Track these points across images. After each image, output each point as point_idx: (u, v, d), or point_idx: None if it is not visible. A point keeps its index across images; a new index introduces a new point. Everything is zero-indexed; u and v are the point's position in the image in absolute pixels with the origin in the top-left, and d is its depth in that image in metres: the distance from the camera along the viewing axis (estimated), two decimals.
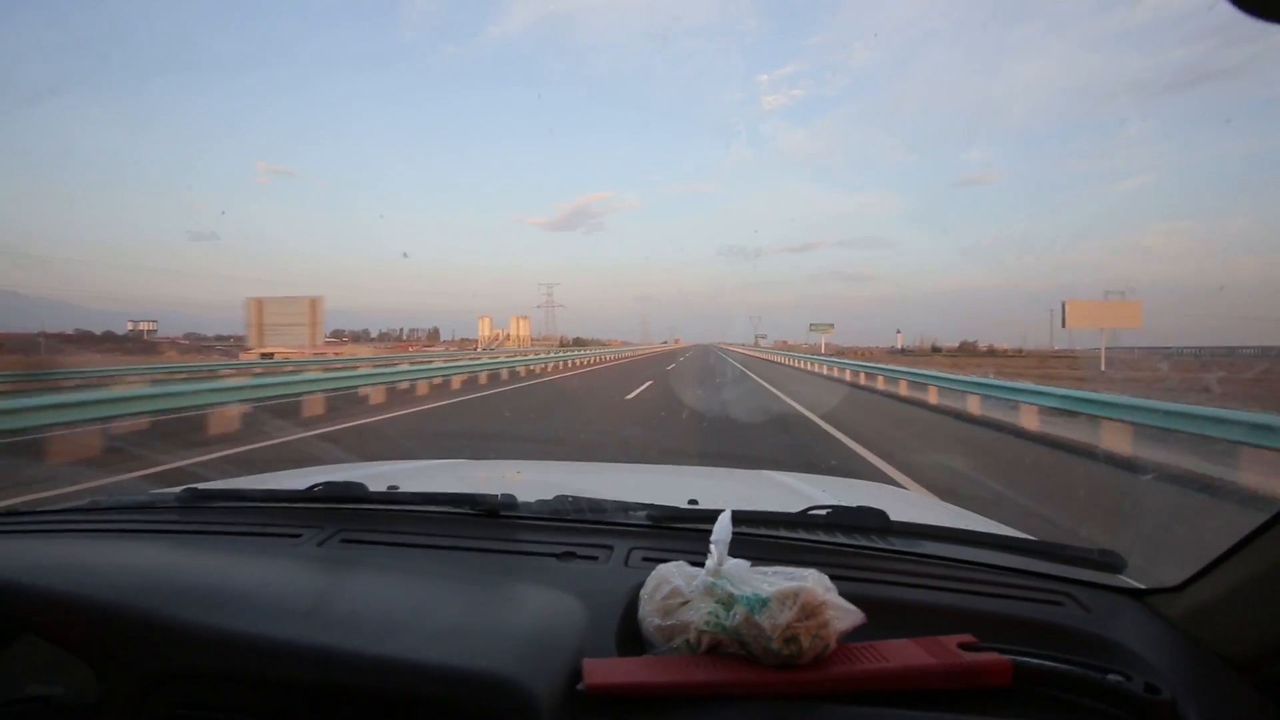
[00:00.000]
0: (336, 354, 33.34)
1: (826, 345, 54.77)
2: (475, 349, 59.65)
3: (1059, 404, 8.52)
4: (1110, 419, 7.40)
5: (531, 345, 71.99)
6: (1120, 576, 0.90)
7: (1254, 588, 0.67)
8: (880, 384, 16.46)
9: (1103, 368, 24.61)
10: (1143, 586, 0.86)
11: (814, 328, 62.09)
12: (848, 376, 20.29)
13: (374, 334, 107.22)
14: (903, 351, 72.19)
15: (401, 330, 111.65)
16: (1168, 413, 6.45)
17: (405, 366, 16.42)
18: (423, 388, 14.16)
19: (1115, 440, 7.18)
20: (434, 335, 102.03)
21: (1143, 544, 3.72)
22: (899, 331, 79.65)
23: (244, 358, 31.86)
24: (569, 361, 28.57)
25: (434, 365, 16.87)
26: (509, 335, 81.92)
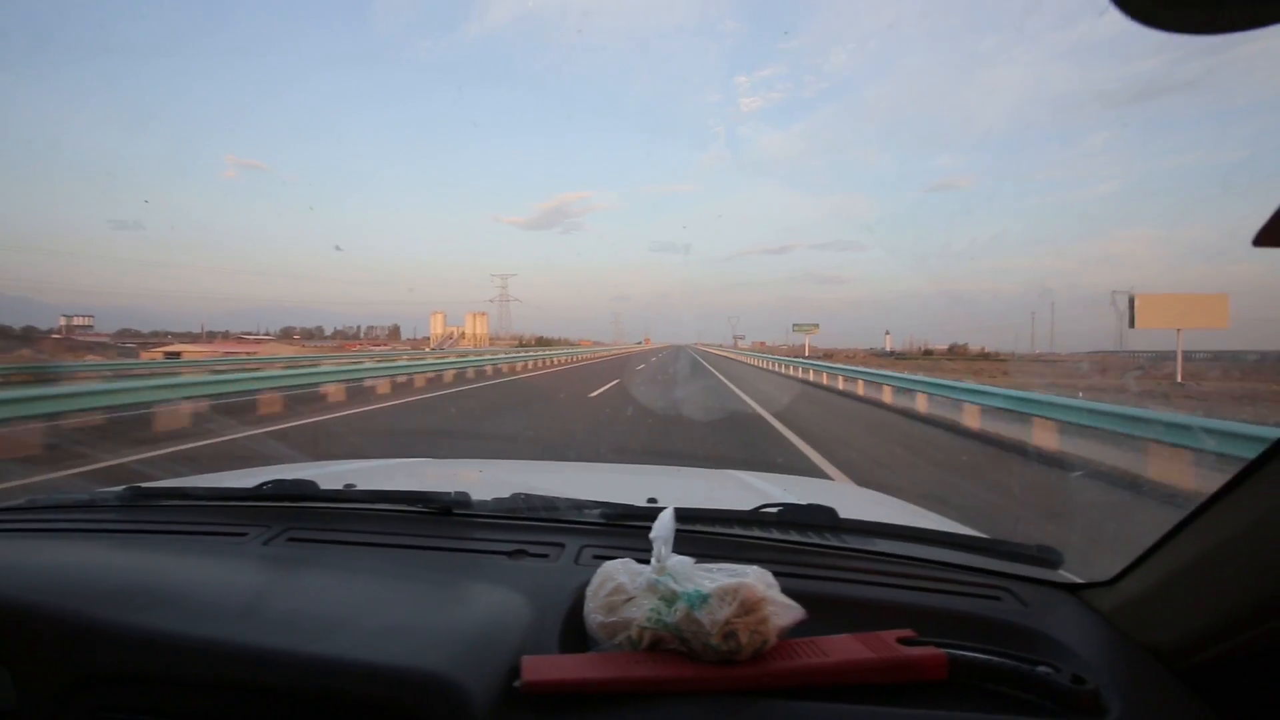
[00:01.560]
0: (248, 354, 29.47)
1: (810, 347, 51.66)
2: (427, 348, 55.44)
3: None
4: None
5: (490, 344, 67.91)
6: (1060, 571, 0.91)
7: (1177, 580, 0.69)
8: (923, 405, 11.24)
9: (1179, 378, 19.33)
10: (1079, 581, 0.87)
11: (797, 328, 59.56)
12: (860, 390, 15.22)
13: (329, 331, 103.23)
14: (892, 354, 68.78)
15: (359, 328, 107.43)
16: None
17: (270, 372, 12.42)
18: (271, 402, 10.51)
19: None
20: (395, 333, 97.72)
21: None
22: (888, 333, 76.06)
23: (145, 357, 28.26)
24: (510, 365, 24.28)
25: (310, 371, 12.79)
26: (464, 333, 77.55)
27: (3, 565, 0.79)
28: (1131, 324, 20.17)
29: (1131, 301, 19.88)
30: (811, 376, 20.66)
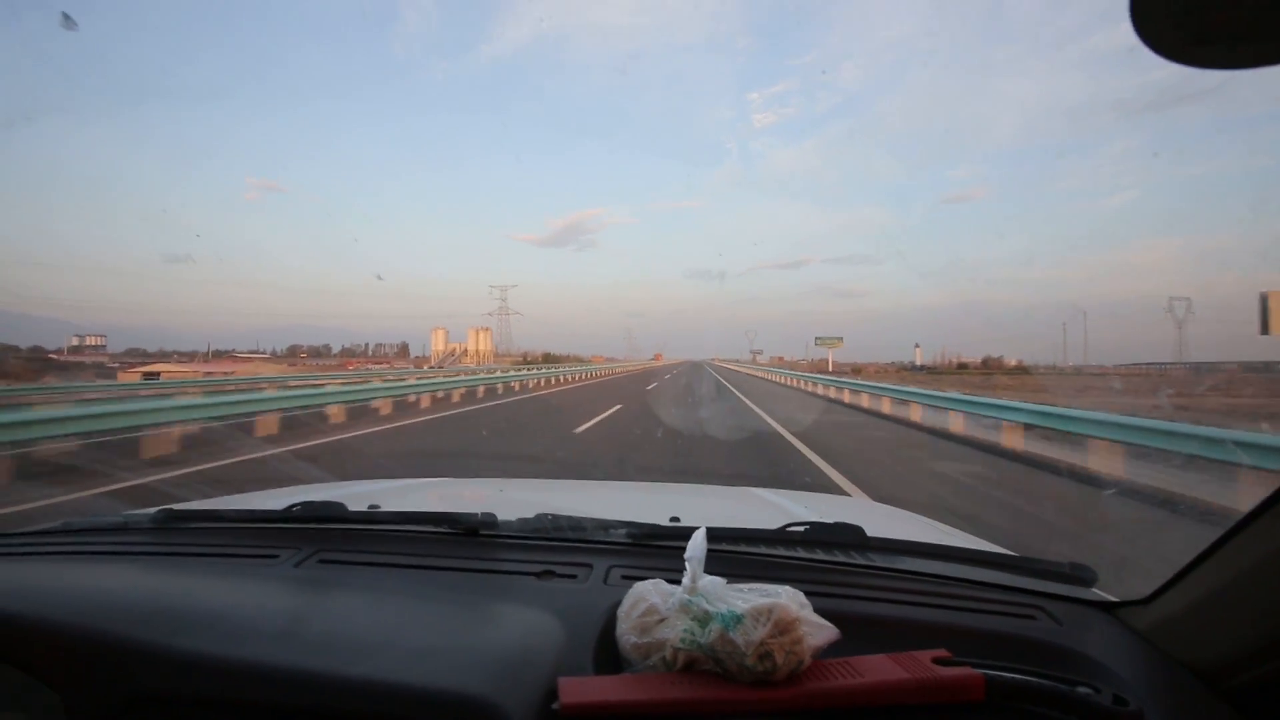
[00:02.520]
0: (225, 374, 27.60)
1: (834, 362, 48.95)
2: (425, 366, 53.23)
3: None
4: None
5: (494, 361, 65.55)
6: (1093, 590, 0.89)
7: (1217, 598, 0.67)
8: (1018, 442, 8.21)
9: None
10: (1114, 599, 0.85)
11: (820, 341, 57.02)
12: (917, 416, 11.40)
13: (336, 349, 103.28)
14: (923, 369, 64.77)
15: (366, 345, 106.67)
16: None
17: (193, 399, 10.10)
18: (164, 442, 7.88)
19: None
20: (403, 350, 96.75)
21: None
22: (918, 346, 71.48)
23: (122, 378, 26.71)
24: (507, 385, 21.28)
25: (248, 398, 10.40)
26: (465, 350, 75.19)
27: (46, 589, 0.80)
28: (1264, 329, 16.42)
29: (1264, 301, 16.03)
30: (848, 398, 17.02)
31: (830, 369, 44.14)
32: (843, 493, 5.98)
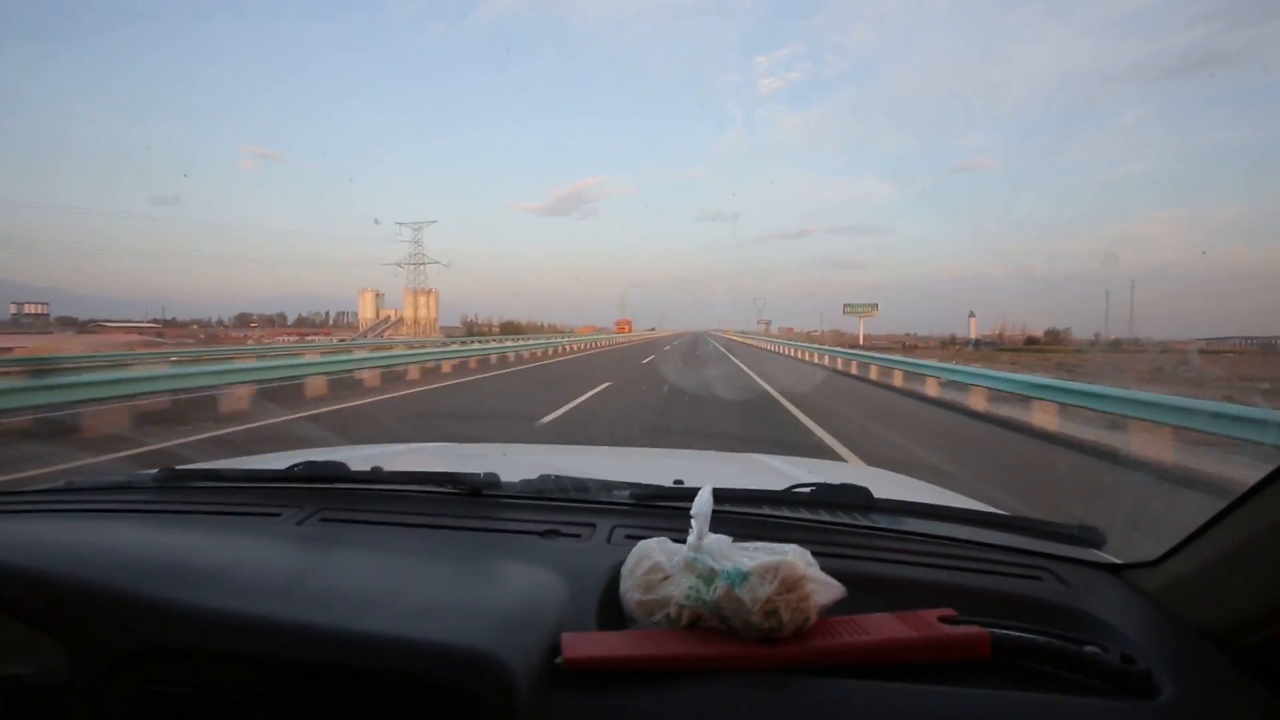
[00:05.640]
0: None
1: (865, 335, 42.03)
2: (349, 338, 46.52)
3: None
4: None
5: (439, 334, 58.81)
6: (1099, 552, 0.89)
7: (1228, 561, 0.68)
8: None
9: None
10: (1120, 561, 0.86)
11: (850, 309, 50.42)
12: None
13: (291, 318, 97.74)
14: (977, 344, 47.29)
15: (326, 313, 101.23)
16: None
17: None
18: None
19: None
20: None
21: None
22: (972, 315, 50.99)
23: None
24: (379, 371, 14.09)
25: None
26: (401, 318, 67.77)
27: (49, 543, 0.80)
28: None
29: None
30: (1048, 421, 8.01)
31: (861, 342, 38.07)
32: None
